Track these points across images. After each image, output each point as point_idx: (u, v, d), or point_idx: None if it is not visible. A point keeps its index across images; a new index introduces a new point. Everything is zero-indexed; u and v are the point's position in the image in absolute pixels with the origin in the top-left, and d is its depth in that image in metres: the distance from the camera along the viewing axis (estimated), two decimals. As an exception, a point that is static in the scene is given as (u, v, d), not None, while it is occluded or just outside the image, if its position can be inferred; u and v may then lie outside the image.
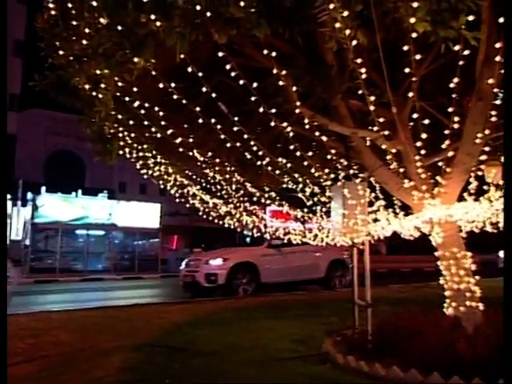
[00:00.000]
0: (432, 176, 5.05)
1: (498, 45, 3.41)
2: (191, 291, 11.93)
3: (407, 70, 3.49)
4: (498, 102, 4.00)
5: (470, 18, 3.03)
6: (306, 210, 6.64)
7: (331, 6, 2.97)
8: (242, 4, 3.14)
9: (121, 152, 5.77)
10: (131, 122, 4.99)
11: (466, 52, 3.43)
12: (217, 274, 11.35)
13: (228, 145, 4.66)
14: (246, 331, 6.29)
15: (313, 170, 4.99)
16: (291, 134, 4.38)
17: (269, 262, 12.12)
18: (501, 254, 17.05)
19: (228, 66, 3.63)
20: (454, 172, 4.92)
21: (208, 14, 3.33)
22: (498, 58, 3.48)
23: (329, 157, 4.74)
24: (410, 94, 4.15)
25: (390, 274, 16.84)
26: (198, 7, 3.31)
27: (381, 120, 4.24)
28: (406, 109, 5.01)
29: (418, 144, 4.50)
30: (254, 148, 4.63)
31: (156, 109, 4.54)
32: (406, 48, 3.28)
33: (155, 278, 19.76)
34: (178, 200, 6.77)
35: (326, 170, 5.05)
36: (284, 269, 12.27)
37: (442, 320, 4.86)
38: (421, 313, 5.20)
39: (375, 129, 4.29)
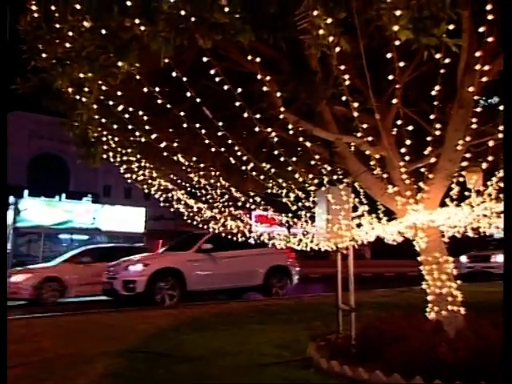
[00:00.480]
0: (415, 182, 5.11)
1: (477, 53, 3.48)
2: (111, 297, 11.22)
3: (391, 77, 3.53)
4: (478, 109, 4.07)
5: (451, 26, 3.08)
6: (290, 214, 6.66)
7: (315, 13, 3.00)
8: (226, 10, 3.16)
9: (104, 156, 5.72)
10: (115, 126, 4.96)
11: (448, 60, 3.49)
12: (135, 282, 10.45)
13: (213, 149, 4.66)
14: (231, 336, 6.27)
15: (297, 175, 5.01)
16: (276, 140, 4.40)
17: (197, 267, 11.21)
18: (462, 258, 17.11)
19: (213, 71, 3.63)
20: (437, 178, 4.99)
21: (193, 19, 3.34)
22: (477, 67, 3.54)
23: (313, 162, 4.76)
24: (394, 101, 4.20)
25: (374, 279, 16.96)
26: (183, 12, 3.31)
27: (364, 126, 4.28)
28: (389, 115, 5.06)
29: (402, 150, 4.56)
30: (239, 153, 4.63)
31: (140, 113, 4.52)
32: (389, 55, 3.31)
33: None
34: (162, 204, 6.73)
35: (310, 176, 5.07)
36: (215, 275, 11.35)
37: (424, 324, 4.91)
38: (404, 317, 5.25)
39: (359, 135, 4.33)
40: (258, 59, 3.52)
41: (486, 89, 4.74)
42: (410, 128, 4.37)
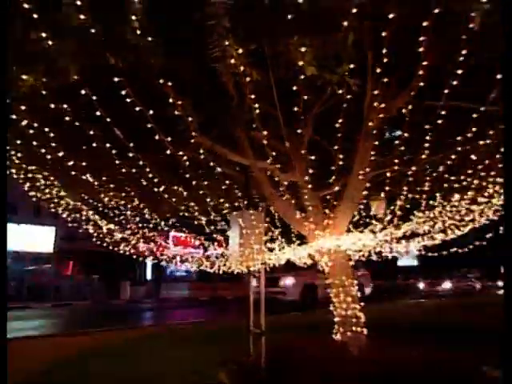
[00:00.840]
0: (324, 208, 5.36)
1: (375, 92, 3.76)
2: None
3: (296, 109, 3.69)
4: (381, 141, 4.38)
5: (352, 65, 3.31)
6: (203, 237, 6.65)
7: (226, 43, 3.07)
8: (138, 32, 3.12)
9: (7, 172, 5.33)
10: (18, 142, 4.65)
11: (355, 94, 3.73)
12: None
13: (124, 170, 4.52)
14: (142, 362, 6.03)
15: (208, 199, 5.02)
16: (187, 163, 4.38)
17: None
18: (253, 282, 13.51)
19: (124, 92, 3.54)
20: (344, 205, 5.27)
21: (104, 38, 3.26)
22: (375, 104, 3.83)
23: (224, 187, 4.81)
24: (304, 131, 4.39)
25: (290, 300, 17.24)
26: (93, 30, 3.23)
27: (274, 153, 4.41)
28: (302, 143, 5.28)
29: (311, 177, 4.76)
30: (150, 175, 4.54)
31: (46, 129, 4.28)
32: (296, 88, 3.46)
33: (46, 308, 18.24)
34: (70, 225, 6.39)
35: (222, 200, 5.11)
36: None
37: (331, 345, 5.10)
38: (313, 338, 5.41)
39: (268, 162, 4.45)
40: (169, 83, 3.50)
41: (390, 122, 5.13)
42: (320, 156, 4.60)
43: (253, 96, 3.60)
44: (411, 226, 5.07)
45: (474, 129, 3.82)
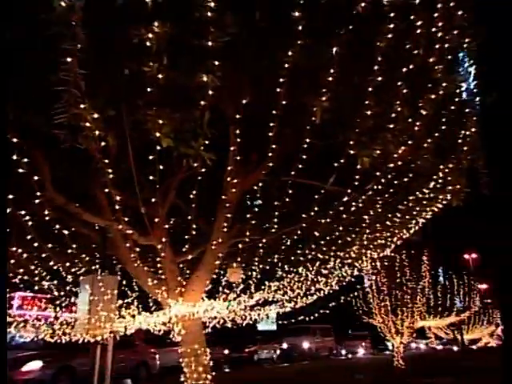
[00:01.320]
0: (181, 273, 5.31)
1: (229, 168, 3.98)
2: None
3: (152, 178, 3.71)
4: (228, 215, 4.56)
5: (208, 142, 3.46)
6: (56, 300, 6.07)
7: (82, 106, 3.02)
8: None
9: None
10: None
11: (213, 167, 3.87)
12: None
13: None
14: None
15: (52, 263, 4.65)
16: (30, 223, 4.05)
17: None
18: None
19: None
20: (201, 271, 5.28)
21: None
22: (229, 179, 4.04)
23: (69, 250, 4.51)
24: (161, 199, 4.38)
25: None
26: None
27: (132, 217, 4.32)
28: (163, 208, 5.24)
29: (170, 243, 4.71)
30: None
31: None
32: (152, 157, 3.50)
33: None
34: None
35: (68, 264, 4.77)
36: None
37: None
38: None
39: (120, 227, 4.34)
40: (14, 139, 3.29)
41: (251, 193, 5.39)
42: (182, 222, 4.60)
43: (106, 161, 3.54)
44: (263, 295, 5.25)
45: (316, 208, 4.21)
